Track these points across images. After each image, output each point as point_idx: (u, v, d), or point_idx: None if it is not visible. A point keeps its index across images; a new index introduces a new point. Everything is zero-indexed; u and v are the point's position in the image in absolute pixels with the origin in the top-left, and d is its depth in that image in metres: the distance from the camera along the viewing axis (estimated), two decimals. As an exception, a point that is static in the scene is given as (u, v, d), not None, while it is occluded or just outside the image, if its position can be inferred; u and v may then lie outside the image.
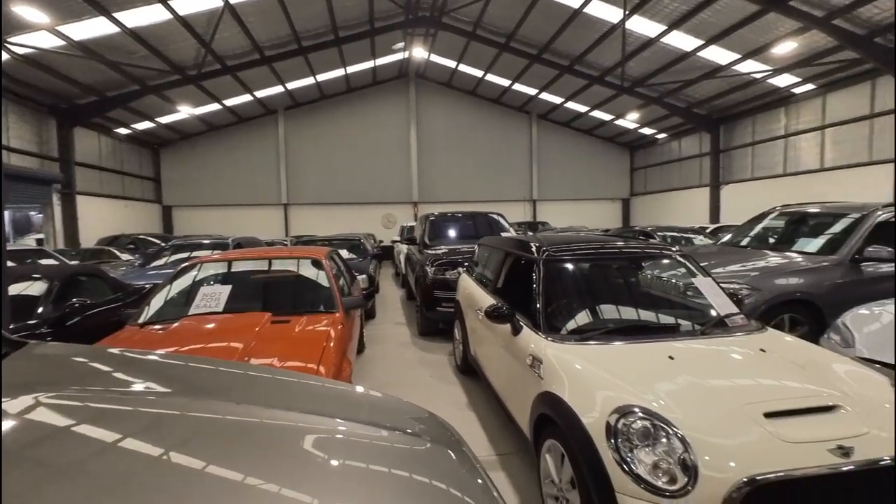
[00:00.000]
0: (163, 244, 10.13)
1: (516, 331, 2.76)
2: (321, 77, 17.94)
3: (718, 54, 12.91)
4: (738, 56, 12.67)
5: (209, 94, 16.11)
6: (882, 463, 1.62)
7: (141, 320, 3.35)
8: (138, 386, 1.28)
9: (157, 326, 3.23)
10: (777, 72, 12.90)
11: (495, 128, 21.76)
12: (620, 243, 3.41)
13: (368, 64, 18.18)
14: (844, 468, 1.58)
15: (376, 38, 15.81)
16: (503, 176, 21.89)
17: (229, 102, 17.61)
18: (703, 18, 11.62)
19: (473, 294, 4.06)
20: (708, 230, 11.11)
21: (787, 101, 14.41)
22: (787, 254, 5.09)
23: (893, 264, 4.43)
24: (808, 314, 4.39)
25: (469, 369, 4.27)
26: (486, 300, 3.57)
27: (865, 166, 12.21)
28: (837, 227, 5.06)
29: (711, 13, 11.34)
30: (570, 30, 13.87)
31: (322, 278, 3.97)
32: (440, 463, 1.01)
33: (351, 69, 18.05)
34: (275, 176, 20.73)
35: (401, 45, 16.65)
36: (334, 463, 0.92)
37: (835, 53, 11.44)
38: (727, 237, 6.49)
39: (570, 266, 3.06)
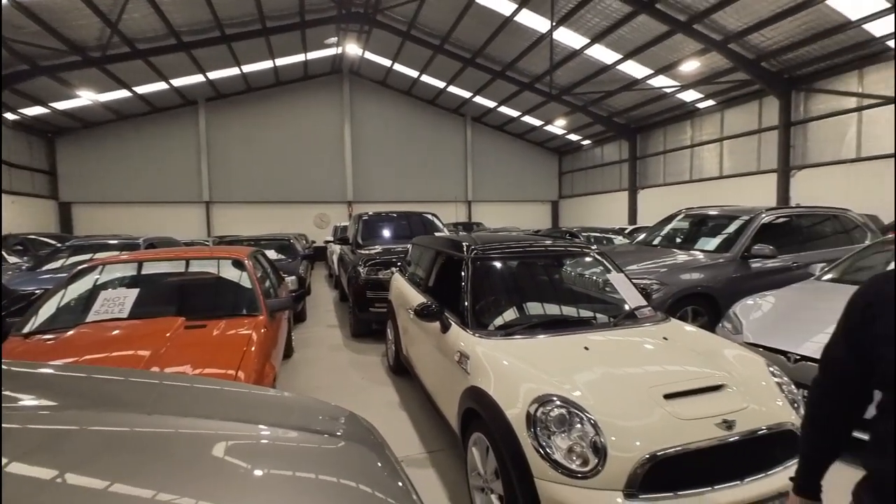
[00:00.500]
0: (59, 245, 9.00)
1: (445, 328, 2.79)
2: (247, 68, 16.97)
3: (635, 69, 14.00)
4: (652, 71, 13.83)
5: (116, 80, 14.62)
6: (760, 433, 1.86)
7: (26, 329, 2.96)
8: (27, 401, 1.13)
9: (46, 336, 2.87)
10: (684, 88, 14.26)
11: (431, 128, 21.91)
12: (545, 242, 3.58)
13: (299, 57, 17.51)
14: (730, 439, 1.79)
15: (307, 32, 15.26)
16: (439, 177, 22.10)
17: (141, 90, 16.10)
18: (621, 34, 12.54)
19: (405, 293, 4.05)
20: (626, 231, 11.99)
21: (692, 115, 15.96)
22: (691, 252, 5.64)
23: (774, 260, 5.08)
24: (708, 305, 4.90)
25: (401, 369, 4.26)
26: (417, 299, 3.58)
27: (754, 175, 13.86)
28: (731, 228, 5.68)
29: (629, 30, 12.27)
30: (501, 36, 14.33)
31: (244, 280, 3.76)
32: (354, 461, 1.00)
33: (280, 62, 17.27)
34: (195, 171, 19.29)
35: (333, 40, 16.24)
36: (246, 468, 0.88)
37: (730, 74, 12.86)
38: (641, 237, 7.06)
39: (496, 264, 3.16)
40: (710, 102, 15.04)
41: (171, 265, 4.08)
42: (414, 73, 18.87)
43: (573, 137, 21.53)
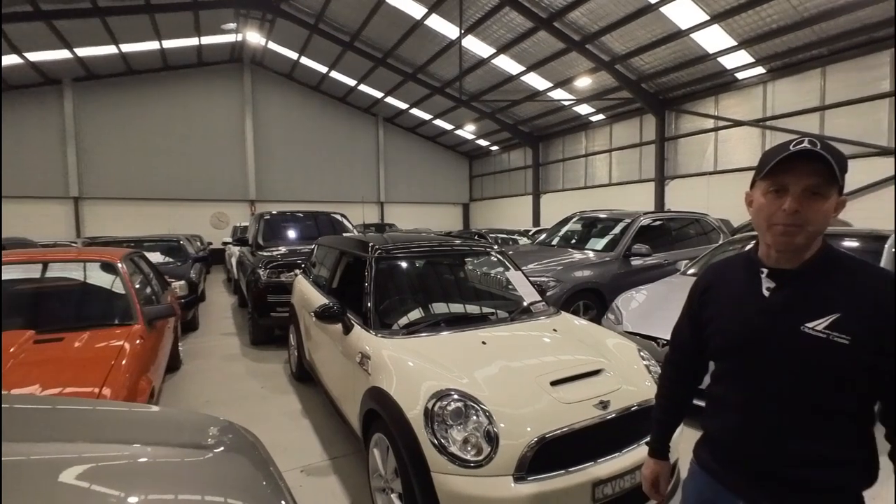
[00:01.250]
0: None
1: (347, 329, 2.73)
2: (127, 48, 15.03)
3: (537, 81, 14.96)
4: (551, 84, 14.89)
5: (-52, 48, 12.08)
6: (632, 409, 2.08)
7: None
8: None
9: None
10: (578, 102, 15.56)
11: (342, 127, 21.32)
12: (450, 242, 3.67)
13: (192, 41, 15.93)
14: (607, 417, 1.98)
15: (201, 14, 13.97)
16: (350, 177, 21.58)
17: (-16, 62, 13.46)
18: (524, 48, 13.33)
19: (308, 296, 3.89)
20: (530, 232, 12.76)
21: (586, 127, 17.48)
22: (584, 251, 6.17)
23: (650, 258, 5.76)
24: (596, 300, 5.40)
25: (305, 376, 4.08)
26: (320, 301, 3.45)
27: (637, 183, 15.58)
28: (616, 230, 6.32)
29: (530, 44, 13.09)
30: (412, 39, 14.42)
31: (117, 285, 3.32)
32: (225, 473, 0.93)
33: (168, 44, 15.56)
34: (60, 162, 16.61)
35: (232, 25, 15.08)
36: (101, 492, 0.78)
37: (617, 92, 14.32)
38: (541, 238, 7.56)
39: (400, 264, 3.17)
40: (601, 116, 16.61)
41: (23, 270, 3.47)
42: (323, 69, 18.22)
43: (482, 143, 22.38)
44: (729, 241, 5.26)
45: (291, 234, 7.46)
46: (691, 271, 4.83)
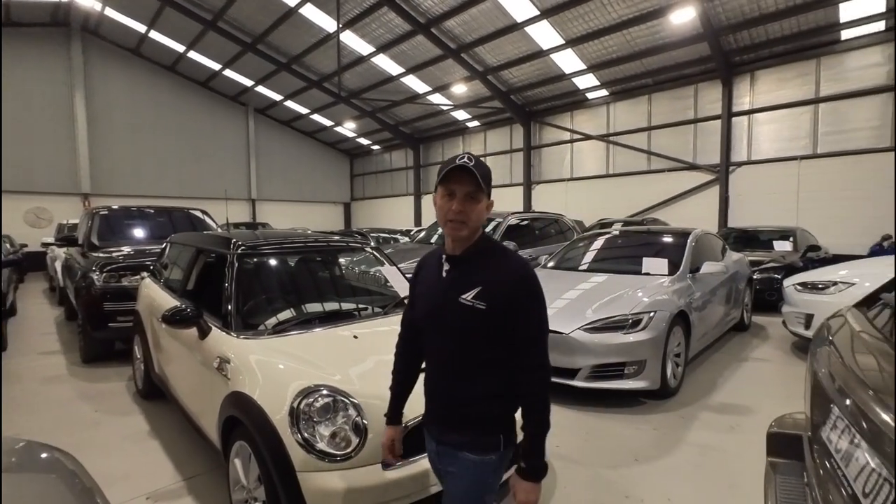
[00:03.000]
0: None
1: (203, 333, 2.47)
2: None
3: (416, 83, 15.28)
4: (430, 88, 15.34)
5: None
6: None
7: None
8: None
9: None
10: (456, 107, 16.30)
11: (203, 115, 19.10)
12: (322, 238, 3.55)
13: (-6, -6, 12.81)
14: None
15: (8, -38, 11.31)
16: (214, 171, 19.42)
17: None
18: (403, 50, 13.50)
19: (158, 301, 3.42)
20: (411, 232, 12.97)
21: (464, 132, 18.39)
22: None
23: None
24: (471, 294, 5.72)
25: (154, 392, 3.58)
26: (172, 305, 3.07)
27: (509, 186, 16.90)
28: (489, 228, 6.79)
29: (409, 47, 13.32)
30: (286, 27, 13.60)
31: None
32: (22, 496, 0.78)
33: (-43, -7, 12.29)
34: None
35: (54, -18, 12.49)
36: None
37: (490, 101, 15.35)
38: (420, 236, 7.76)
39: (266, 261, 2.98)
40: (477, 123, 17.63)
41: None
42: (180, 48, 16.13)
43: (364, 141, 22.06)
44: (577, 238, 6.01)
45: (139, 232, 6.48)
46: (550, 265, 5.41)
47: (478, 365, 1.27)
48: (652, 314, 3.66)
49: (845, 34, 9.81)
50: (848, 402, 0.96)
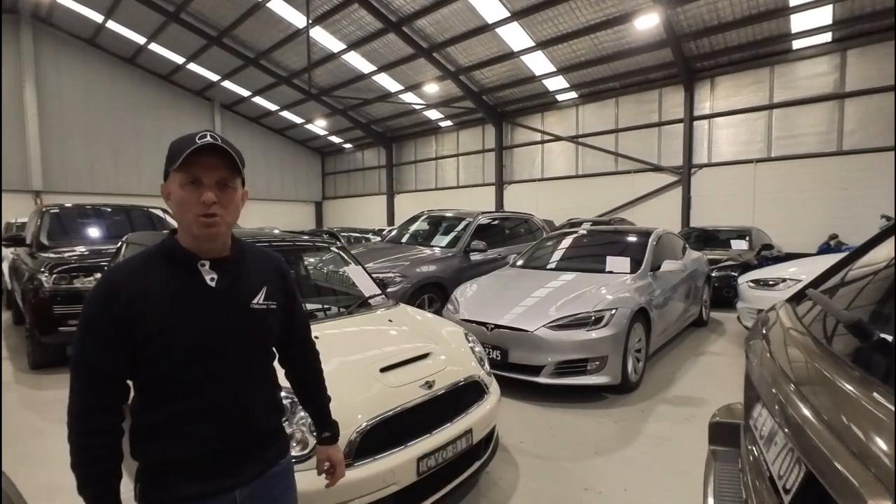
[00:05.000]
0: None
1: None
2: None
3: (388, 82, 15.19)
4: (402, 87, 15.29)
5: None
6: (459, 385, 2.28)
7: None
8: None
9: None
10: (428, 107, 16.30)
11: (166, 110, 18.44)
12: (286, 237, 3.49)
13: (-68, -24, 11.97)
14: (434, 395, 2.13)
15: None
16: (179, 168, 18.74)
17: None
18: (375, 48, 13.40)
19: (111, 303, 3.28)
20: (384, 231, 12.90)
21: (436, 132, 18.41)
22: (430, 247, 6.50)
23: (487, 253, 6.37)
24: (440, 292, 5.74)
25: (108, 397, 3.43)
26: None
27: (481, 186, 17.03)
28: (459, 228, 6.81)
29: (381, 45, 13.23)
30: (253, 21, 13.29)
31: None
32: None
33: None
34: None
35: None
36: None
37: (462, 101, 15.42)
38: (391, 235, 7.73)
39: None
40: (449, 123, 17.68)
41: None
42: (140, 39, 15.50)
43: (335, 139, 21.78)
44: (544, 238, 6.12)
45: (94, 231, 6.21)
46: (519, 263, 5.48)
47: (264, 369, 1.17)
48: (613, 311, 3.77)
49: (796, 44, 10.36)
50: (769, 391, 1.03)
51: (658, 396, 3.82)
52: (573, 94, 14.02)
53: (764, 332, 1.37)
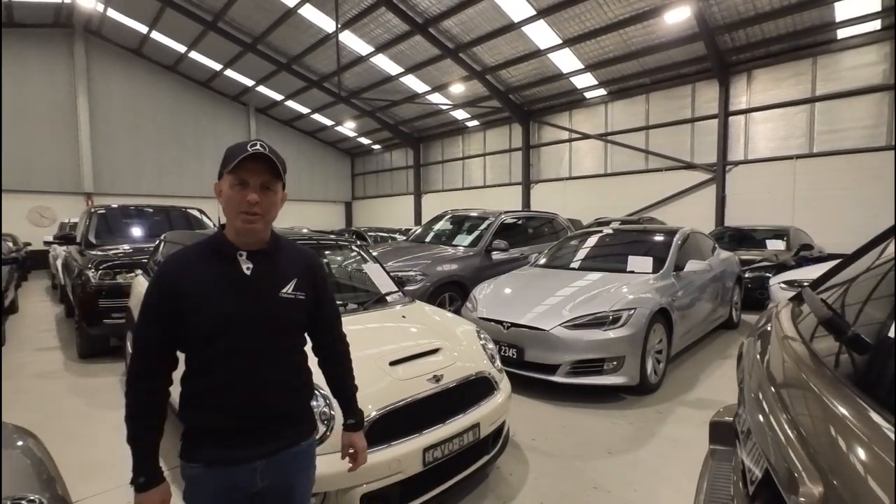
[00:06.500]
0: None
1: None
2: None
3: (415, 83, 15.35)
4: (429, 88, 15.40)
5: None
6: (469, 379, 2.34)
7: None
8: None
9: None
10: (455, 107, 16.36)
11: (205, 115, 19.27)
12: (307, 236, 3.64)
13: (-3, -5, 12.98)
14: (441, 388, 2.20)
15: (10, -36, 11.47)
16: (216, 170, 19.37)
17: None
18: (401, 50, 13.57)
19: (148, 297, 3.52)
20: (410, 231, 13.06)
21: (463, 132, 18.44)
22: (453, 246, 6.56)
23: (508, 252, 6.37)
24: (461, 291, 5.80)
25: (146, 385, 3.68)
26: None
27: (508, 185, 16.95)
28: (482, 227, 6.85)
29: (407, 47, 13.38)
30: (286, 28, 13.71)
31: None
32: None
33: (-39, -5, 12.47)
34: None
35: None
36: None
37: (488, 101, 15.39)
38: (414, 234, 7.84)
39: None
40: (476, 122, 17.68)
41: None
42: (181, 48, 16.28)
43: (364, 141, 22.16)
44: (566, 238, 6.07)
45: (136, 230, 6.62)
46: (541, 262, 5.47)
47: (291, 354, 1.28)
48: (632, 311, 3.73)
49: (841, 33, 9.81)
50: (749, 390, 1.04)
51: (678, 399, 3.75)
52: (602, 91, 13.76)
53: (760, 331, 1.37)
